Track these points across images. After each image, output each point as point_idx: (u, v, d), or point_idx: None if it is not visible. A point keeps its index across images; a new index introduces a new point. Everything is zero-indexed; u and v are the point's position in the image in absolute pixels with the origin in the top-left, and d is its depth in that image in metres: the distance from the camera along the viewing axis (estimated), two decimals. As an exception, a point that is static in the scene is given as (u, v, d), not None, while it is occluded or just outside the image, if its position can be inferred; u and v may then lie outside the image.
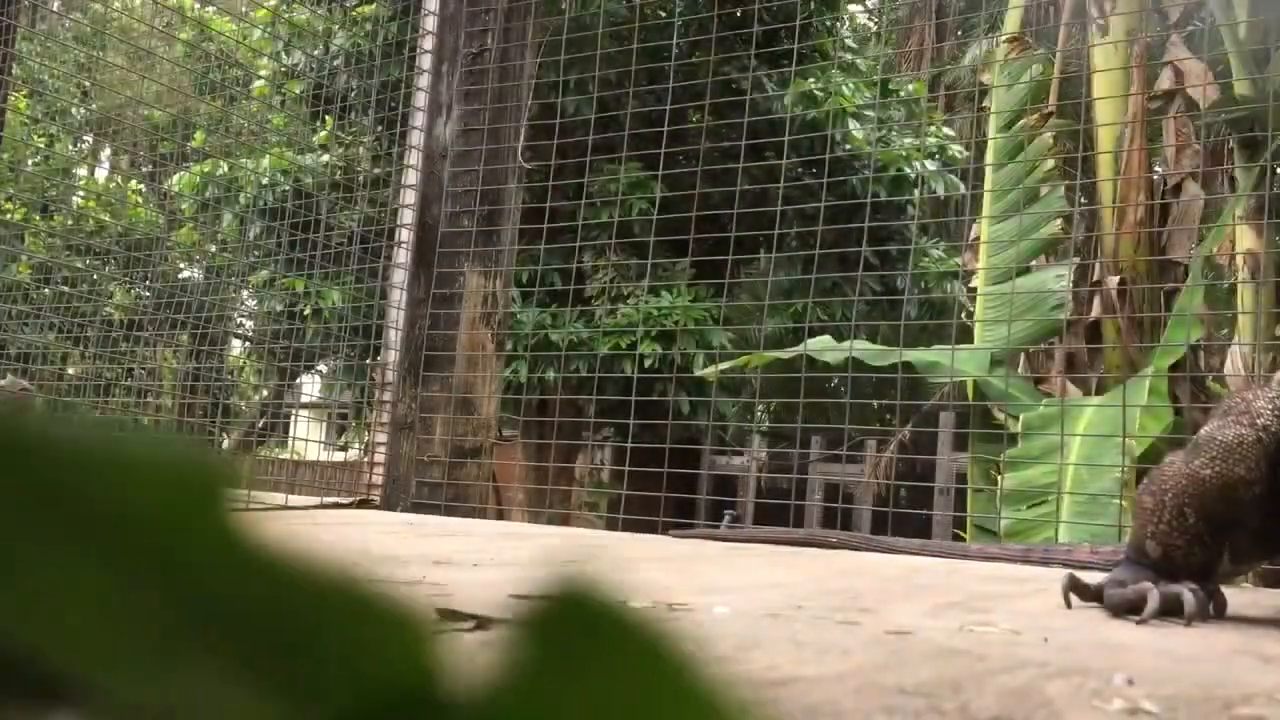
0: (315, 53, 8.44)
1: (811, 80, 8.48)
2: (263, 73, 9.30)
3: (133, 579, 0.19)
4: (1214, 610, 1.46)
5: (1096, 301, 5.49)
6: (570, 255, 7.74)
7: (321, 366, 10.76)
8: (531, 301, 8.38)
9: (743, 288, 10.77)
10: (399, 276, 4.19)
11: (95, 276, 8.94)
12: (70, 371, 9.11)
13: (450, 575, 1.58)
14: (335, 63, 8.11)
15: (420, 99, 4.27)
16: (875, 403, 10.33)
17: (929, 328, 9.54)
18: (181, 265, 10.54)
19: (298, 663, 0.19)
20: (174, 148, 9.35)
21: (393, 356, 4.18)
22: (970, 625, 1.24)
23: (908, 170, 8.57)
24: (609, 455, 10.41)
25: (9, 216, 9.88)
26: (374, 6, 8.49)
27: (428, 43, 4.32)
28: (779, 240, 7.63)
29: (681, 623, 1.14)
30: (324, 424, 14.37)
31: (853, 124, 8.42)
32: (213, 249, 9.70)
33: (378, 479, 4.07)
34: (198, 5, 10.94)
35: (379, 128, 7.53)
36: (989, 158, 5.60)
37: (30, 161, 10.58)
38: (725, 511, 10.02)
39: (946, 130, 10.18)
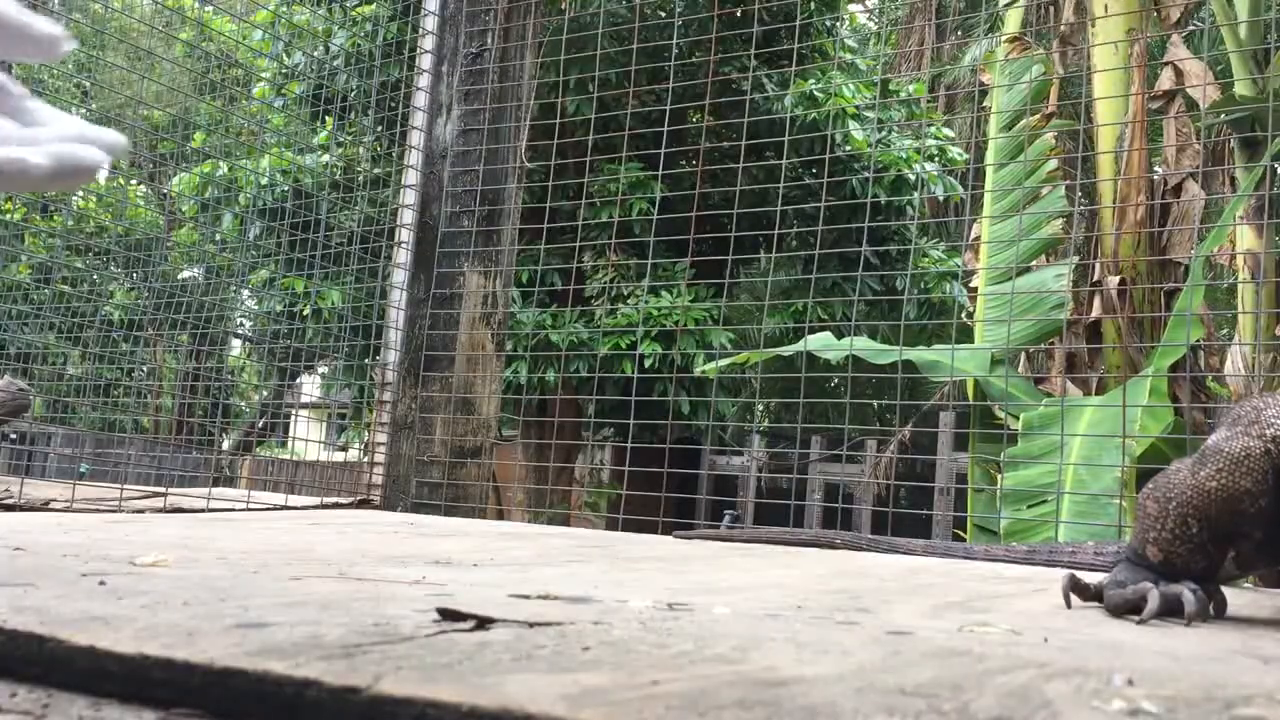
0: (316, 53, 8.44)
1: (811, 81, 8.48)
2: (264, 73, 9.30)
3: None
4: (1214, 610, 1.46)
5: (1096, 301, 5.48)
6: (570, 255, 7.74)
7: (322, 367, 10.76)
8: (531, 301, 8.38)
9: (743, 288, 10.78)
10: (399, 276, 4.19)
11: (95, 276, 8.94)
12: (70, 371, 9.10)
13: (450, 575, 1.58)
14: (335, 63, 8.12)
15: (420, 99, 4.27)
16: (875, 403, 10.34)
17: (929, 328, 9.54)
18: (182, 265, 10.54)
19: None
20: (174, 148, 9.34)
21: (393, 356, 4.18)
22: (970, 625, 1.24)
23: (908, 172, 8.57)
24: (609, 455, 10.42)
25: (9, 216, 9.87)
26: (374, 6, 8.49)
27: (428, 43, 4.32)
28: (779, 240, 7.63)
29: (681, 622, 1.14)
30: (324, 424, 14.38)
31: (853, 125, 8.42)
32: (213, 249, 9.70)
33: (378, 479, 4.07)
34: (198, 5, 10.94)
35: (379, 128, 7.53)
36: (989, 158, 5.60)
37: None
38: (725, 511, 10.03)
39: (947, 131, 10.18)
